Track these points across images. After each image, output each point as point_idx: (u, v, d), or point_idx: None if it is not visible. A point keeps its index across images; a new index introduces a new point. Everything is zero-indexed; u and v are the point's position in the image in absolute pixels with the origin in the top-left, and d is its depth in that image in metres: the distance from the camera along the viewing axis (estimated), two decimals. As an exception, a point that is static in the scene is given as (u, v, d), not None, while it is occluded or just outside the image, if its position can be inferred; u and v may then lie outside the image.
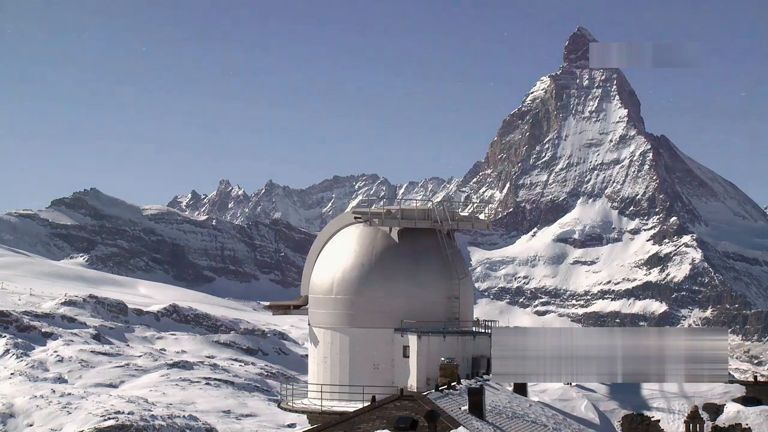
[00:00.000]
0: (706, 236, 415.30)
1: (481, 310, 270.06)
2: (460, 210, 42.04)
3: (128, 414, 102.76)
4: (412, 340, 36.61)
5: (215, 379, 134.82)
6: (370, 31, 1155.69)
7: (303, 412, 38.69)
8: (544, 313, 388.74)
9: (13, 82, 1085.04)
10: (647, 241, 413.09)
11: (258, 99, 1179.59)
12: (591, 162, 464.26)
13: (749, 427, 36.53)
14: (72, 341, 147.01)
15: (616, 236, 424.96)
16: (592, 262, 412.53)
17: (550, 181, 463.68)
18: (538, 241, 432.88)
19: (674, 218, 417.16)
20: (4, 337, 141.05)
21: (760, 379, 45.12)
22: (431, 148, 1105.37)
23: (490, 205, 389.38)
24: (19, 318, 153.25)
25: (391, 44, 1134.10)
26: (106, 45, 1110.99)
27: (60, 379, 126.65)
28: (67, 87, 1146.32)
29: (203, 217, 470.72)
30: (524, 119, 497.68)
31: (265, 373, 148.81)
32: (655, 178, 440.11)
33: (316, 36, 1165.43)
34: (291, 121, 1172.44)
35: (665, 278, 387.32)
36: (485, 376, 35.83)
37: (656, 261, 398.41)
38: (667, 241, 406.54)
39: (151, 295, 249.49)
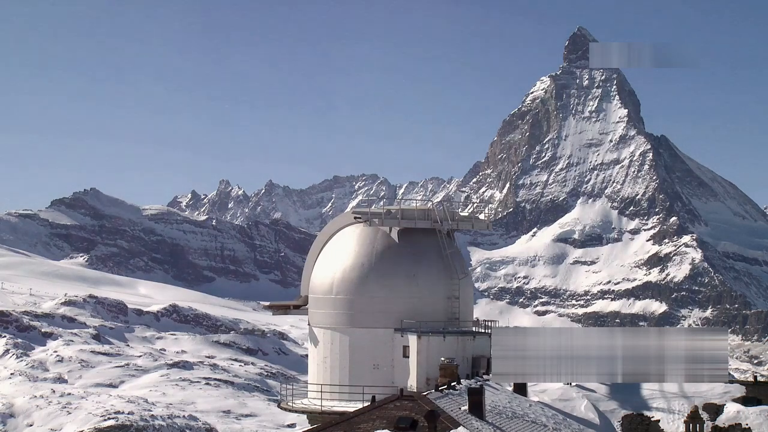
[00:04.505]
0: (706, 236, 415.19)
1: (481, 310, 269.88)
2: (460, 210, 41.99)
3: (128, 414, 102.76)
4: (412, 340, 36.55)
5: (215, 379, 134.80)
6: (369, 31, 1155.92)
7: (303, 412, 38.63)
8: (544, 313, 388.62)
9: (13, 82, 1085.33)
10: (647, 241, 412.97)
11: (258, 99, 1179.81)
12: (591, 162, 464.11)
13: (749, 427, 36.54)
14: (72, 341, 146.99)
15: (616, 236, 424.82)
16: (592, 262, 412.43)
17: (550, 181, 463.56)
18: (538, 241, 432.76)
19: (674, 218, 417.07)
20: (4, 337, 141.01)
21: (760, 379, 45.12)
22: (431, 148, 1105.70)
23: (490, 205, 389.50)
24: (19, 318, 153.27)
25: (391, 44, 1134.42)
26: (106, 44, 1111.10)
27: (60, 379, 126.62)
28: (67, 87, 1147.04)
29: (203, 217, 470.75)
30: (524, 119, 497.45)
31: (265, 373, 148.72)
32: (655, 178, 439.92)
33: (316, 36, 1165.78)
34: (291, 121, 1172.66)
35: (665, 278, 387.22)
36: (485, 376, 35.77)
37: (656, 261, 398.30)
38: (667, 241, 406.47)
39: (151, 295, 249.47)
